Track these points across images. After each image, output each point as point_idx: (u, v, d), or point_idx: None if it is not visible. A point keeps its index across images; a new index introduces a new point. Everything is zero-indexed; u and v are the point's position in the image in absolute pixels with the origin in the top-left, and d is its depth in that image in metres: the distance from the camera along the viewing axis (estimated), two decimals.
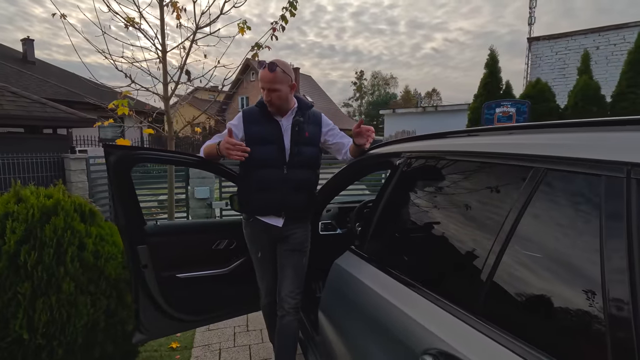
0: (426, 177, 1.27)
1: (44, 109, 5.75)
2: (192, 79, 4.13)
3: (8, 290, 1.50)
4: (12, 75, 11.74)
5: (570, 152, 0.76)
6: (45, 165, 5.39)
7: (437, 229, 1.11)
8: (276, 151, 1.81)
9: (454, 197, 1.08)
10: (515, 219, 0.81)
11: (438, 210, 1.14)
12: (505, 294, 0.81)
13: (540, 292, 0.76)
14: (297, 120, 1.83)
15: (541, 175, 0.80)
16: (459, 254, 0.98)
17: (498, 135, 1.01)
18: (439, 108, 14.94)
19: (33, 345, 1.50)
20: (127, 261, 1.85)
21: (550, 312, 0.73)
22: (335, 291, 1.45)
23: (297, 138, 1.82)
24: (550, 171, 0.79)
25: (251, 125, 1.84)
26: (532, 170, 0.82)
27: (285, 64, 1.78)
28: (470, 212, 1.00)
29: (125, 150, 1.76)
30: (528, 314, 0.77)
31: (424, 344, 0.88)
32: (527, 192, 0.82)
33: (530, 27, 17.13)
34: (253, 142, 1.80)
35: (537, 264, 0.80)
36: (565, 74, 10.17)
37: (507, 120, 6.59)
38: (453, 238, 1.03)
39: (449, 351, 0.82)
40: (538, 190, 0.80)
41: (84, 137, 12.74)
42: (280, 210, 1.85)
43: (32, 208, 1.66)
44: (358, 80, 54.33)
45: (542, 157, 0.81)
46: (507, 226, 0.83)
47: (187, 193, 6.19)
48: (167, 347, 2.59)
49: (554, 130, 0.86)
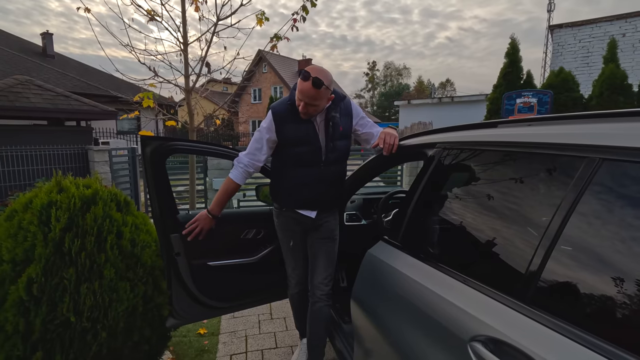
0: (462, 168, 1.27)
1: (68, 102, 5.90)
2: (213, 71, 4.17)
3: (55, 275, 1.57)
4: (34, 69, 12.03)
5: (629, 141, 0.76)
6: (71, 156, 5.55)
7: (477, 219, 1.11)
8: (312, 152, 1.77)
9: (493, 187, 1.08)
10: (568, 209, 0.81)
11: (478, 200, 1.14)
12: (555, 282, 0.82)
13: (590, 281, 0.76)
14: (333, 116, 1.75)
15: (596, 166, 0.80)
16: (506, 242, 0.99)
17: (545, 125, 1.01)
18: (456, 99, 14.69)
19: (79, 328, 1.57)
20: (161, 249, 1.91)
21: (601, 300, 0.73)
22: (369, 280, 1.47)
23: (332, 134, 1.76)
24: (607, 161, 0.79)
25: (284, 126, 1.76)
26: (586, 160, 0.82)
27: (327, 77, 1.65)
28: (513, 202, 1.00)
29: (161, 141, 1.81)
30: (579, 301, 0.78)
31: (472, 331, 0.89)
32: (580, 182, 0.82)
33: (550, 14, 16.50)
34: (287, 144, 1.77)
35: (587, 255, 0.80)
36: (589, 63, 9.85)
37: (528, 111, 6.45)
38: (496, 228, 1.03)
39: (499, 337, 0.83)
40: (592, 181, 0.80)
41: (103, 129, 13.02)
42: (315, 204, 1.87)
43: (74, 197, 1.72)
44: (370, 71, 53.72)
45: (597, 146, 0.81)
46: (558, 217, 0.83)
47: (205, 184, 6.30)
48: (195, 332, 2.67)
49: (611, 119, 0.85)
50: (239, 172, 1.85)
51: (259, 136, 1.84)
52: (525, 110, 6.47)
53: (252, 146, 1.86)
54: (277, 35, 3.95)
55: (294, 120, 1.75)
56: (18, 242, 1.61)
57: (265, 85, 26.74)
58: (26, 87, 5.68)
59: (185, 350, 2.47)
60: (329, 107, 1.76)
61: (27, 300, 1.51)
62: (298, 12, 3.74)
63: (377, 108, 48.78)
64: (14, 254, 1.58)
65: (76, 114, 5.97)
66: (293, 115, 1.75)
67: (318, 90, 1.60)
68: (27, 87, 5.69)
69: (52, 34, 16.64)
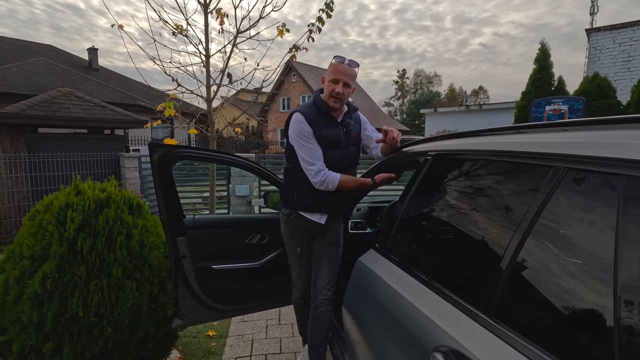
0: (448, 177, 1.26)
1: (104, 112, 6.32)
2: (234, 81, 4.33)
3: (67, 272, 1.69)
4: (79, 82, 12.99)
5: (591, 150, 0.73)
6: (103, 162, 5.93)
7: (454, 228, 1.10)
8: (341, 154, 1.85)
9: (471, 197, 1.07)
10: (531, 220, 0.80)
11: (456, 210, 1.12)
12: (518, 296, 0.80)
13: (551, 295, 0.74)
14: (348, 122, 1.88)
15: (561, 175, 0.78)
16: (472, 252, 0.97)
17: (518, 134, 0.99)
18: (484, 107, 14.24)
19: (87, 322, 1.68)
20: (168, 251, 2.01)
21: (561, 314, 0.71)
22: (356, 288, 1.48)
23: (346, 139, 1.88)
24: (571, 170, 0.76)
25: (319, 128, 1.78)
26: (552, 170, 0.80)
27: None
28: (485, 213, 0.99)
29: (167, 148, 1.92)
30: (539, 316, 0.75)
31: (435, 342, 0.88)
32: (546, 191, 0.80)
33: (592, 17, 15.75)
34: (324, 147, 1.80)
35: (552, 268, 0.77)
36: (631, 67, 9.26)
37: (557, 119, 6.14)
38: (467, 237, 1.02)
39: (459, 349, 0.82)
40: (558, 189, 0.78)
41: (139, 137, 13.79)
42: (328, 209, 1.90)
43: (89, 200, 1.86)
44: (400, 79, 53.26)
45: (562, 155, 0.79)
46: (522, 228, 0.81)
47: (228, 190, 6.50)
48: (204, 334, 2.75)
49: (583, 128, 0.83)
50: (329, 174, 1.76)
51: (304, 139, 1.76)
52: (555, 118, 6.17)
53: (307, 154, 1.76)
54: (296, 46, 4.06)
55: (325, 123, 1.81)
56: (37, 240, 1.75)
57: (294, 95, 27.21)
58: (67, 99, 6.16)
59: (193, 351, 2.55)
60: (345, 114, 1.89)
61: (41, 294, 1.64)
62: (314, 23, 3.83)
63: (406, 116, 48.19)
64: (33, 250, 1.72)
65: (111, 123, 6.38)
66: (324, 119, 1.81)
67: (354, 69, 1.78)
68: (68, 99, 6.17)
69: (97, 49, 17.91)
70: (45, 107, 5.76)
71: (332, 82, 1.76)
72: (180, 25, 3.91)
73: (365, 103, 30.05)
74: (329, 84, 1.77)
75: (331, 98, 1.77)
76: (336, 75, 1.75)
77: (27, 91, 10.30)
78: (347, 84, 1.76)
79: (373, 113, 27.90)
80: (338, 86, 1.74)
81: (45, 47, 18.00)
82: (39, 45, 17.96)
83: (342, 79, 1.74)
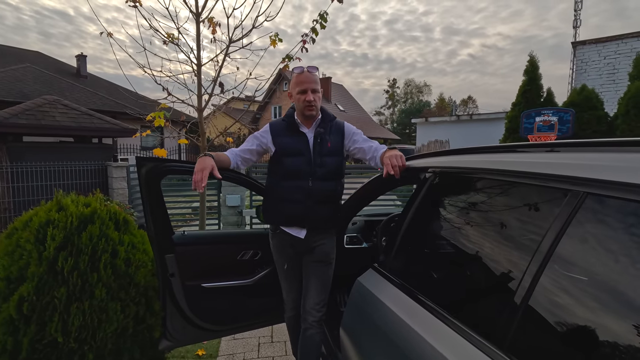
0: (452, 195, 1.21)
1: (92, 120, 6.17)
2: (225, 91, 4.27)
3: (46, 294, 1.59)
4: (67, 89, 12.76)
5: (613, 175, 0.69)
6: (91, 172, 5.76)
7: (462, 252, 1.04)
8: (304, 163, 1.82)
9: (478, 217, 1.02)
10: (550, 247, 0.74)
11: (462, 230, 1.07)
12: (535, 329, 0.74)
13: (579, 332, 0.68)
14: (319, 131, 1.86)
15: (581, 199, 0.73)
16: (485, 279, 0.91)
17: (530, 152, 0.94)
18: (474, 116, 14.42)
19: (66, 349, 1.57)
20: (156, 269, 1.91)
21: (584, 349, 0.65)
22: (356, 310, 1.40)
23: (319, 149, 1.84)
24: (591, 195, 0.71)
25: (279, 138, 1.88)
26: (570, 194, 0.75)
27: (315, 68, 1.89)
28: (498, 236, 0.93)
29: (155, 162, 1.83)
30: (558, 352, 0.70)
31: None
32: (564, 216, 0.75)
33: (576, 30, 16.18)
34: (283, 154, 1.85)
35: (570, 299, 0.72)
36: (616, 80, 9.50)
37: (548, 130, 6.22)
38: (477, 263, 0.96)
39: None
40: (577, 214, 0.73)
41: (128, 145, 13.54)
42: (303, 222, 1.84)
43: (71, 216, 1.76)
44: (390, 89, 53.89)
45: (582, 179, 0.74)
46: (540, 254, 0.75)
47: (219, 200, 6.37)
48: (193, 353, 2.63)
49: (599, 149, 0.78)
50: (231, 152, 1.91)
51: (251, 137, 1.95)
52: (545, 128, 6.25)
53: (243, 145, 1.95)
54: (289, 55, 4.02)
55: (288, 133, 1.88)
56: (14, 260, 1.65)
57: (285, 103, 27.23)
58: (53, 107, 6.01)
59: None
60: (319, 124, 1.88)
61: (17, 319, 1.53)
62: (308, 33, 3.80)
63: (397, 125, 48.62)
64: (9, 271, 1.61)
65: (99, 132, 6.23)
66: (288, 129, 1.89)
67: (314, 74, 1.84)
68: (54, 107, 6.02)
69: (86, 56, 17.67)
70: (30, 115, 5.60)
71: (300, 93, 1.81)
72: (171, 34, 3.85)
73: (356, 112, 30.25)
74: (298, 96, 1.82)
75: (305, 108, 1.81)
76: (302, 86, 1.81)
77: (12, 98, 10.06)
78: (315, 89, 1.81)
79: (364, 122, 28.07)
80: (307, 95, 1.79)
81: (33, 53, 17.69)
82: (26, 51, 17.65)
83: (309, 86, 1.80)
